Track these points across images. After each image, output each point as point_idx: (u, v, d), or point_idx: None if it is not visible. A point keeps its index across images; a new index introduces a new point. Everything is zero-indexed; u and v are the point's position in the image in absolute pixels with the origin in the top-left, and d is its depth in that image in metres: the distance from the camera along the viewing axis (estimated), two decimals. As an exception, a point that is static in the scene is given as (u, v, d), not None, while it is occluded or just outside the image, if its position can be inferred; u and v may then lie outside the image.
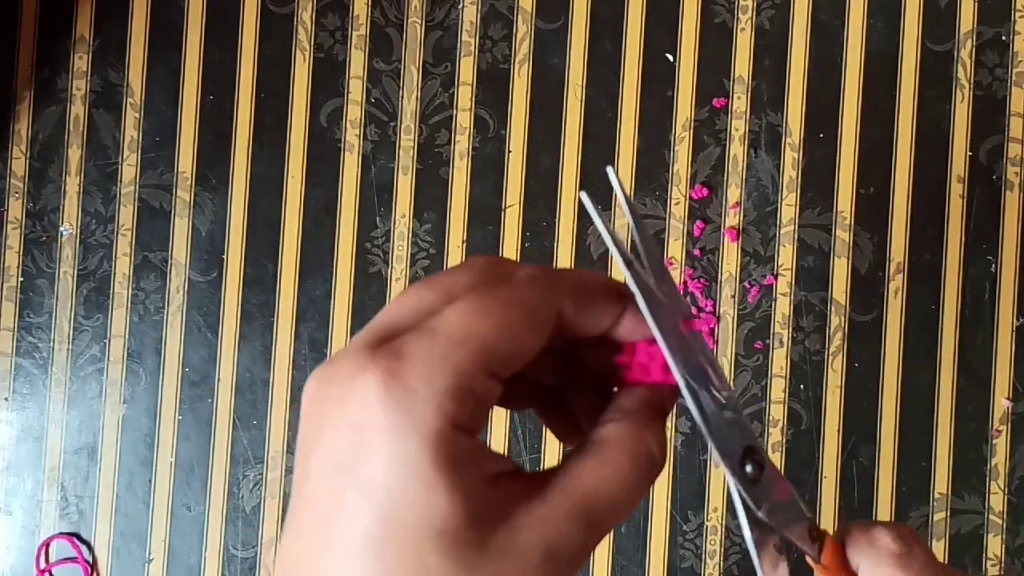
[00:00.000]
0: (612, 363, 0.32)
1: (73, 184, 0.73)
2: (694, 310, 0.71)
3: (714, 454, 0.31)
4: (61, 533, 0.72)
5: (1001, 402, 0.70)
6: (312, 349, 0.72)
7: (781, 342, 0.71)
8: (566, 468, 0.29)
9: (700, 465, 0.70)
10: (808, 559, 0.32)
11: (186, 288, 0.73)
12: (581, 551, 0.28)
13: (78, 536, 0.72)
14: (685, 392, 0.30)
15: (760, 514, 0.31)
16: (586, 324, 0.30)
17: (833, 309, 0.71)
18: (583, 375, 0.34)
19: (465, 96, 0.72)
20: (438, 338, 0.27)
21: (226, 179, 0.73)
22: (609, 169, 0.31)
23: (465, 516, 0.26)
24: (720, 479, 0.70)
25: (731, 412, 0.31)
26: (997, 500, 0.70)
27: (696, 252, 0.71)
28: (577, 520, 0.28)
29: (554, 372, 0.34)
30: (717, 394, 0.31)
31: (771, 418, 0.70)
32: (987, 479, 0.70)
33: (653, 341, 0.31)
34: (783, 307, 0.71)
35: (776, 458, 0.70)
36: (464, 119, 0.72)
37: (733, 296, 0.71)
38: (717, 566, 0.70)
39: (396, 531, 0.26)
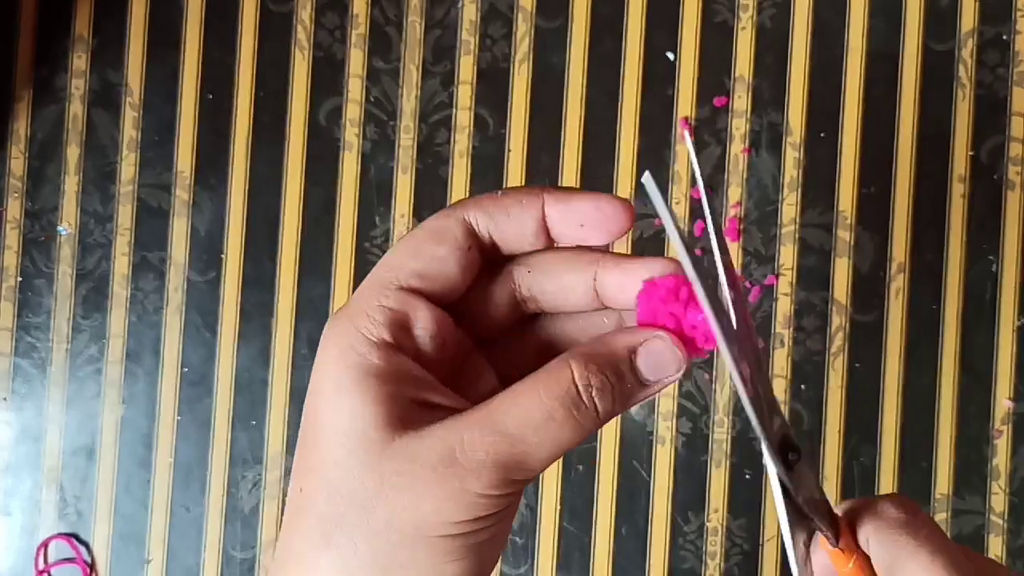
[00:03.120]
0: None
1: (72, 183, 0.73)
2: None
3: (759, 435, 0.31)
4: (60, 534, 0.72)
5: (1002, 402, 0.70)
6: (311, 349, 0.71)
7: (782, 342, 0.71)
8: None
9: (701, 466, 0.70)
10: (826, 545, 0.33)
11: (185, 288, 0.72)
12: (482, 466, 0.29)
13: (77, 537, 0.72)
14: (729, 361, 0.29)
15: (799, 500, 0.31)
16: (506, 232, 0.32)
17: (834, 309, 0.71)
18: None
19: (465, 95, 0.72)
20: (365, 280, 0.32)
21: (225, 178, 0.73)
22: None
23: (372, 418, 0.29)
24: (721, 480, 0.70)
25: (770, 397, 0.31)
26: (998, 501, 0.70)
27: (697, 252, 0.71)
28: (482, 429, 0.30)
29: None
30: (763, 374, 0.31)
31: (772, 418, 0.70)
32: (988, 480, 0.70)
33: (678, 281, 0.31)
34: (784, 307, 0.71)
35: (777, 459, 0.70)
36: (464, 118, 0.72)
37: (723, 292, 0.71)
38: (718, 567, 0.70)
39: (313, 429, 0.31)
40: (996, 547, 0.70)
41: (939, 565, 0.31)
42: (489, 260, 0.33)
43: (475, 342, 0.34)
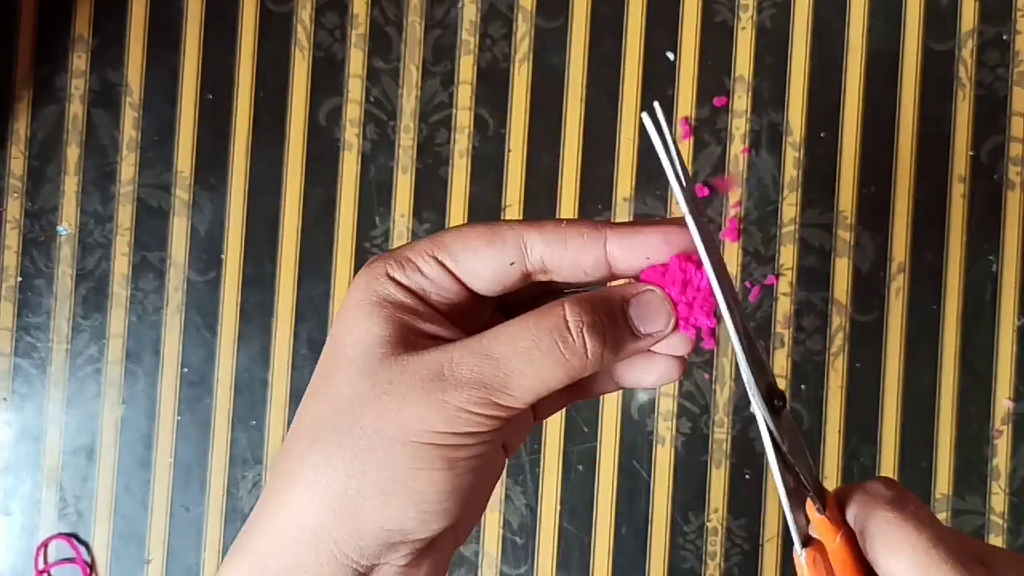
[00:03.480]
0: None
1: (72, 183, 0.73)
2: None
3: (749, 386, 0.32)
4: (60, 534, 0.72)
5: (1002, 402, 0.70)
6: (311, 349, 0.71)
7: (782, 342, 0.71)
8: None
9: (701, 466, 0.70)
10: (812, 510, 0.33)
11: (184, 288, 0.72)
12: (466, 383, 0.31)
13: (77, 537, 0.72)
14: (726, 313, 0.31)
15: (784, 449, 0.33)
16: (562, 261, 0.33)
17: (834, 309, 0.71)
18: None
19: (465, 95, 0.72)
20: (415, 242, 0.34)
21: (225, 178, 0.73)
22: (656, 106, 0.33)
23: (378, 337, 0.32)
24: (721, 480, 0.70)
25: (760, 353, 0.33)
26: (998, 501, 0.70)
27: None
28: (470, 351, 0.32)
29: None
30: (751, 333, 0.33)
31: (772, 418, 0.70)
32: (988, 480, 0.70)
33: (690, 262, 0.33)
34: (784, 307, 0.71)
35: (777, 458, 0.70)
36: (464, 118, 0.72)
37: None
38: (718, 567, 0.70)
39: (330, 344, 0.34)
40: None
41: (924, 538, 0.31)
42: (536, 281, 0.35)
43: (500, 308, 0.36)
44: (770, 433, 0.32)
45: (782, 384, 0.70)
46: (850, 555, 0.33)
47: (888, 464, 0.70)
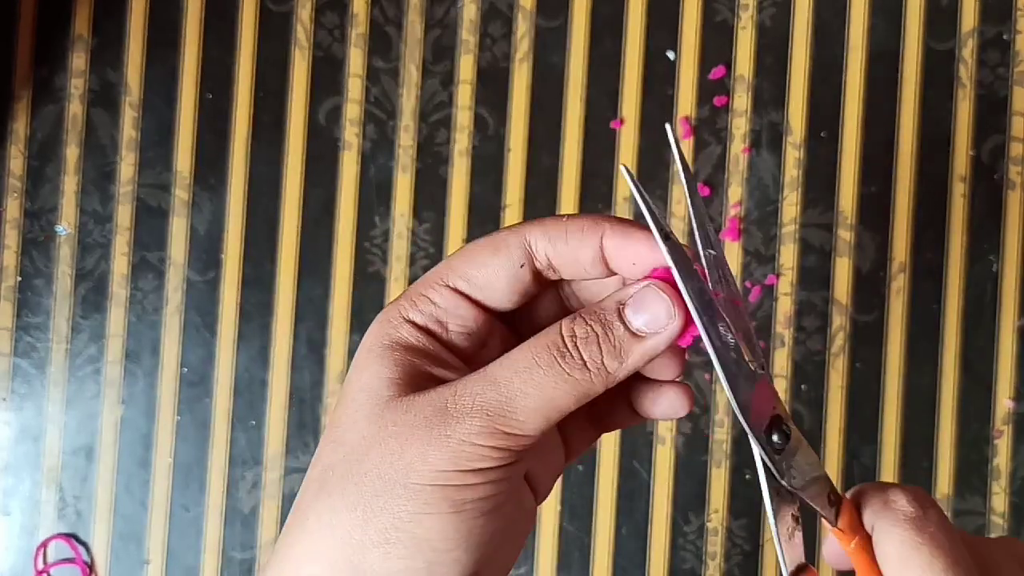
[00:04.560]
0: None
1: (71, 183, 0.73)
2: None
3: (741, 421, 0.31)
4: (59, 534, 0.72)
5: (1003, 402, 0.70)
6: (310, 349, 0.71)
7: (783, 342, 0.70)
8: None
9: (701, 466, 0.70)
10: (825, 523, 0.33)
11: (184, 288, 0.72)
12: (468, 414, 0.30)
13: (76, 537, 0.72)
14: (712, 353, 0.30)
15: (783, 482, 0.31)
16: (564, 256, 0.33)
17: (835, 309, 0.71)
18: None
19: (465, 94, 0.72)
20: (427, 273, 0.34)
21: (224, 178, 0.73)
22: (668, 127, 0.33)
23: (386, 380, 0.31)
24: (721, 480, 0.70)
25: (759, 381, 0.31)
26: (999, 501, 0.70)
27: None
28: (472, 381, 0.31)
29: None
30: (748, 364, 0.31)
31: (772, 418, 0.70)
32: (989, 480, 0.70)
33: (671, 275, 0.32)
34: (784, 307, 0.71)
35: (777, 459, 0.70)
36: (464, 118, 0.72)
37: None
38: (718, 567, 0.70)
39: (343, 391, 0.33)
40: (997, 547, 0.70)
41: (939, 565, 0.30)
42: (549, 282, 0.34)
43: (519, 335, 0.35)
44: (766, 471, 0.31)
45: (782, 385, 0.70)
46: (865, 560, 0.32)
47: (888, 464, 0.70)
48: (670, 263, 0.30)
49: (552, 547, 0.70)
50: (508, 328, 0.35)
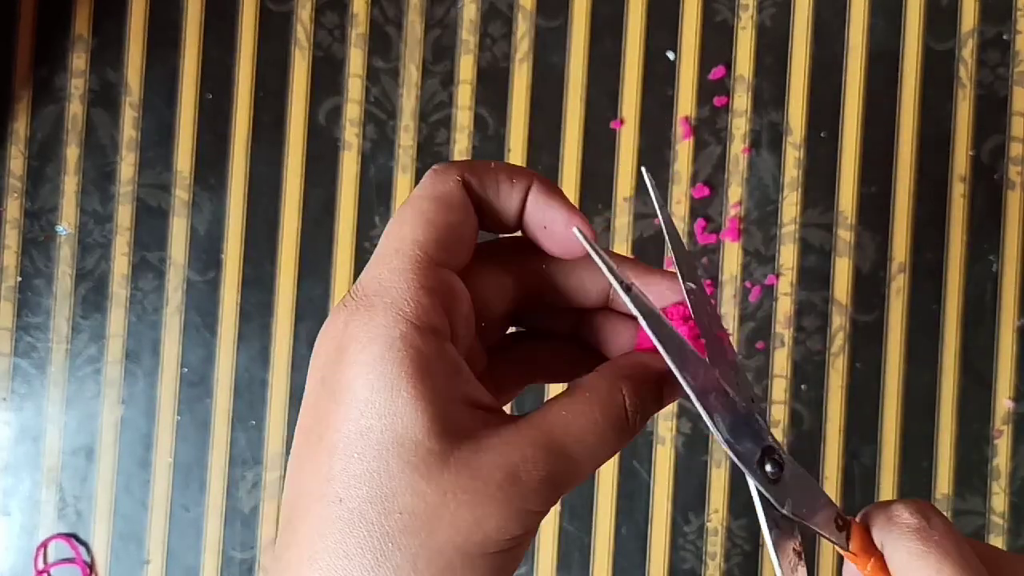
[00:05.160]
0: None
1: (71, 183, 0.73)
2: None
3: (731, 457, 0.31)
4: (59, 534, 0.72)
5: (1003, 402, 0.70)
6: (310, 349, 0.71)
7: (782, 342, 0.70)
8: (541, 408, 0.30)
9: (701, 466, 0.70)
10: (837, 549, 0.33)
11: (184, 288, 0.72)
12: (542, 484, 0.29)
13: (76, 537, 0.72)
14: (694, 398, 0.30)
15: (784, 511, 0.31)
16: (494, 201, 0.31)
17: (835, 309, 0.71)
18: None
19: (465, 95, 0.72)
20: (379, 259, 0.30)
21: (224, 178, 0.73)
22: (643, 171, 0.32)
23: (429, 426, 0.27)
24: (721, 480, 0.70)
25: (747, 415, 0.31)
26: (999, 501, 0.70)
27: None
28: (542, 448, 0.29)
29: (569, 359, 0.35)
30: (733, 398, 0.31)
31: (772, 419, 0.70)
32: (989, 480, 0.70)
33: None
34: (784, 307, 0.71)
35: (777, 459, 0.70)
36: (464, 118, 0.72)
37: (734, 296, 0.71)
38: (718, 567, 0.70)
39: (364, 435, 0.28)
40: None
41: (947, 573, 0.30)
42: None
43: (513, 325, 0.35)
44: (763, 500, 0.32)
45: (782, 385, 0.70)
46: None
47: (888, 464, 0.70)
48: (658, 346, 0.30)
49: (552, 547, 0.70)
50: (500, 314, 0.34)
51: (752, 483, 0.31)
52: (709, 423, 0.30)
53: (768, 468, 0.31)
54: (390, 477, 0.28)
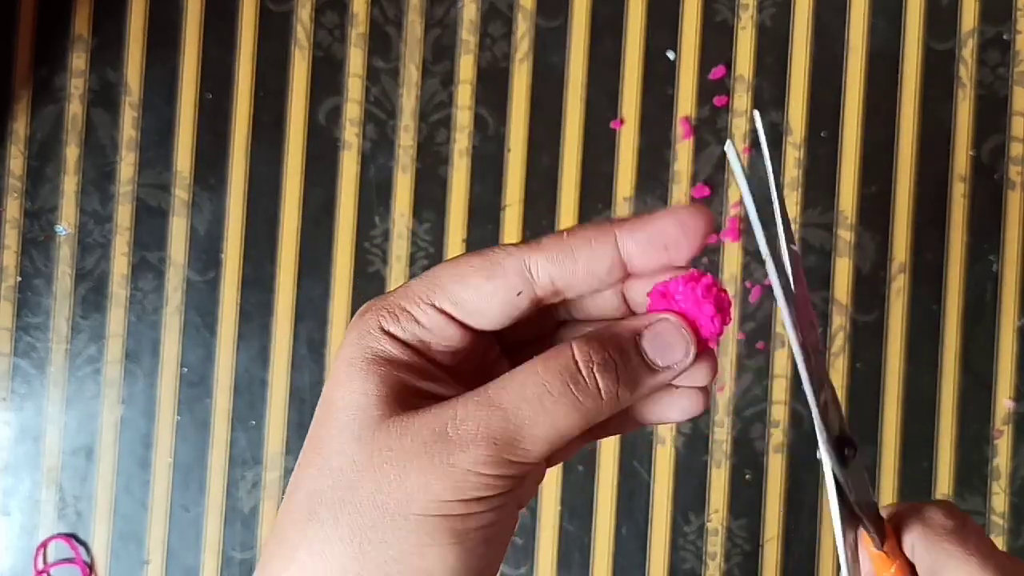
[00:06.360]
0: None
1: (71, 183, 0.73)
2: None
3: (818, 435, 0.30)
4: (59, 534, 0.72)
5: (1003, 402, 0.70)
6: (310, 349, 0.71)
7: (783, 342, 0.70)
8: None
9: (701, 466, 0.70)
10: (870, 547, 0.32)
11: (184, 288, 0.72)
12: (473, 441, 0.28)
13: (76, 537, 0.72)
14: (802, 366, 0.29)
15: (852, 498, 0.31)
16: (575, 275, 0.31)
17: (835, 309, 0.71)
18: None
19: (465, 94, 0.72)
20: (408, 285, 0.32)
21: (224, 178, 0.73)
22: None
23: (373, 399, 0.29)
24: (721, 480, 0.70)
25: (831, 393, 0.31)
26: (999, 501, 0.70)
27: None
28: (473, 404, 0.29)
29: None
30: (818, 376, 0.30)
31: (772, 419, 0.70)
32: (989, 480, 0.70)
33: (682, 281, 0.30)
34: (784, 307, 0.71)
35: (778, 460, 0.70)
36: (463, 118, 0.72)
37: (735, 296, 0.71)
38: (718, 567, 0.70)
39: (322, 408, 0.31)
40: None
41: (989, 573, 0.30)
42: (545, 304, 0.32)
43: (503, 348, 0.33)
44: (837, 486, 0.31)
45: (782, 385, 0.70)
46: None
47: (888, 464, 0.70)
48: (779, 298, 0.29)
49: (552, 547, 0.70)
50: (487, 337, 0.33)
51: (828, 466, 0.30)
52: (808, 390, 0.29)
53: (845, 451, 0.31)
54: (330, 439, 0.30)
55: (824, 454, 0.30)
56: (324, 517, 0.29)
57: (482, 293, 0.30)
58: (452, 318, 0.31)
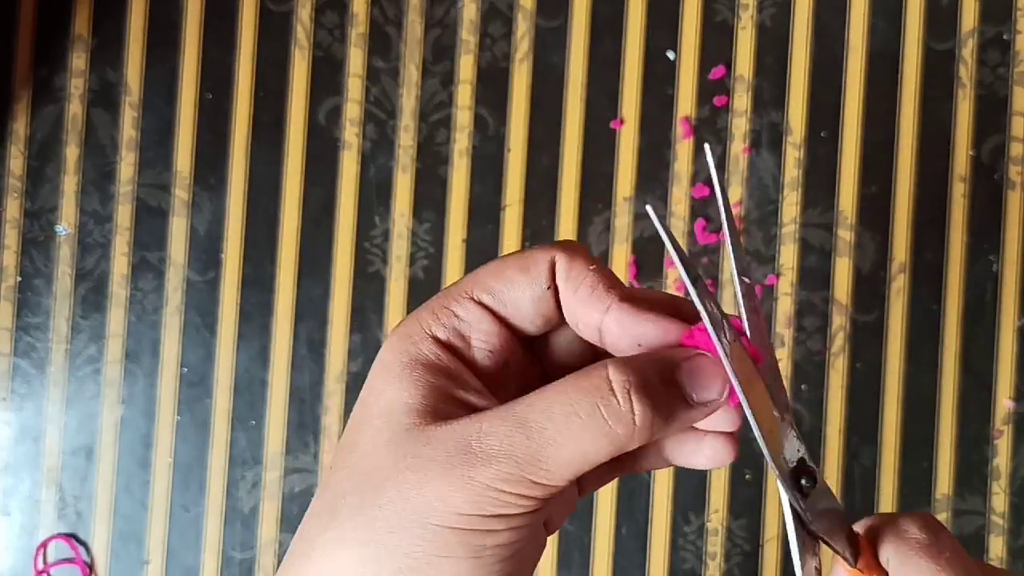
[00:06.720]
0: None
1: (71, 183, 0.73)
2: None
3: (773, 471, 0.30)
4: (59, 534, 0.72)
5: (1003, 402, 0.70)
6: (310, 349, 0.71)
7: (783, 342, 0.70)
8: None
9: (701, 466, 0.70)
10: (844, 566, 0.32)
11: (184, 288, 0.72)
12: (495, 456, 0.28)
13: (76, 537, 0.72)
14: (748, 410, 0.28)
15: (812, 527, 0.30)
16: (571, 300, 0.31)
17: (835, 309, 0.71)
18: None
19: (465, 94, 0.72)
20: (451, 285, 0.32)
21: (224, 178, 0.73)
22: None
23: (406, 406, 0.29)
24: (721, 480, 0.70)
25: (787, 428, 0.30)
26: (999, 501, 0.70)
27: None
28: (499, 419, 0.28)
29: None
30: (776, 412, 0.30)
31: (772, 418, 0.70)
32: (989, 480, 0.70)
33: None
34: (785, 307, 0.71)
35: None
36: (463, 118, 0.72)
37: (735, 296, 0.71)
38: (718, 567, 0.70)
39: (358, 411, 0.31)
40: (997, 547, 0.70)
41: None
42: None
43: (545, 370, 0.33)
44: (794, 514, 0.30)
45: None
46: None
47: (888, 464, 0.70)
48: (716, 344, 0.28)
49: (552, 547, 0.70)
50: (528, 355, 0.33)
51: (786, 499, 0.30)
52: (755, 429, 0.29)
53: (803, 482, 0.30)
54: (361, 444, 0.30)
55: (780, 486, 0.30)
56: (344, 518, 0.29)
57: (516, 285, 0.31)
58: (489, 310, 0.31)
